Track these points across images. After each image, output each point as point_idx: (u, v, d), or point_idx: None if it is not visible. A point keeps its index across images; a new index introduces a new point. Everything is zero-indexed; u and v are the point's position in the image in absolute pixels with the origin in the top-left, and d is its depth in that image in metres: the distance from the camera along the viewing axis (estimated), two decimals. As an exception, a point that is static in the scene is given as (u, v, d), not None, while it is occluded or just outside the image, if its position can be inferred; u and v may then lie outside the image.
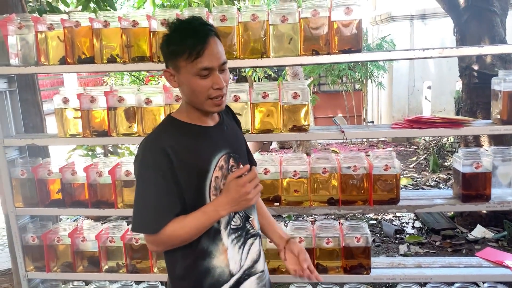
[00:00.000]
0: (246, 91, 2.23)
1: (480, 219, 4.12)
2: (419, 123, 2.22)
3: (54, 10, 3.99)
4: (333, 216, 4.35)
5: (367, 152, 2.40)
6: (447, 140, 7.22)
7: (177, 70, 1.37)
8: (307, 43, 2.14)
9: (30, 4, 3.85)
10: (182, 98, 1.45)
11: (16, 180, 2.46)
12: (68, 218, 4.79)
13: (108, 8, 4.22)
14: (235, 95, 2.22)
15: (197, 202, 1.37)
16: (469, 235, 3.99)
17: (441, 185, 5.59)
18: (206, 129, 1.45)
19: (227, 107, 1.65)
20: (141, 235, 2.39)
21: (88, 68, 2.27)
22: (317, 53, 2.14)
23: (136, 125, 2.31)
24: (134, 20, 2.19)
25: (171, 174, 1.33)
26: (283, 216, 4.84)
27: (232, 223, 1.45)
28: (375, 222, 4.58)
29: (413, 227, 4.33)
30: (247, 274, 1.48)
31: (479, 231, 3.97)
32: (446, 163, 6.60)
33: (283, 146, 8.86)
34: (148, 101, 2.27)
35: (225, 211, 1.34)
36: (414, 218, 4.52)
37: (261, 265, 1.55)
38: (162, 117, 2.27)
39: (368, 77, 8.57)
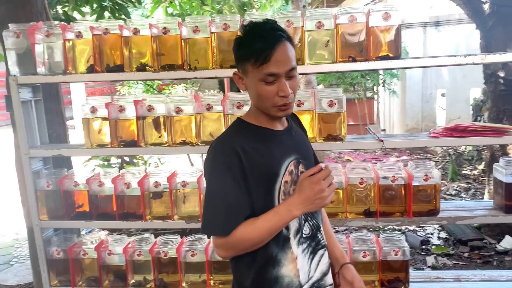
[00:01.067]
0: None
1: (509, 230, 3.99)
2: (460, 131, 2.14)
3: (70, 19, 3.96)
4: (360, 227, 4.24)
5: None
6: (465, 148, 7.09)
7: (245, 74, 1.36)
8: (344, 49, 2.08)
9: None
10: (251, 101, 1.42)
11: (41, 192, 2.39)
12: (83, 230, 4.72)
13: (123, 17, 4.18)
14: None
15: (266, 207, 1.32)
16: (497, 246, 3.86)
17: (462, 194, 5.47)
18: (276, 133, 1.41)
19: (295, 115, 1.61)
20: (170, 248, 2.33)
21: (117, 77, 2.22)
22: (354, 60, 2.08)
23: (166, 135, 2.25)
24: (164, 27, 2.13)
25: (242, 175, 1.30)
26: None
27: (303, 231, 1.40)
28: (399, 232, 4.46)
29: (438, 237, 4.21)
30: (317, 286, 1.42)
31: (508, 242, 3.85)
32: (463, 172, 6.48)
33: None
34: (178, 110, 2.21)
35: (299, 211, 1.28)
36: (439, 228, 4.40)
37: (330, 279, 1.48)
38: (193, 126, 2.22)
39: (382, 85, 8.48)
